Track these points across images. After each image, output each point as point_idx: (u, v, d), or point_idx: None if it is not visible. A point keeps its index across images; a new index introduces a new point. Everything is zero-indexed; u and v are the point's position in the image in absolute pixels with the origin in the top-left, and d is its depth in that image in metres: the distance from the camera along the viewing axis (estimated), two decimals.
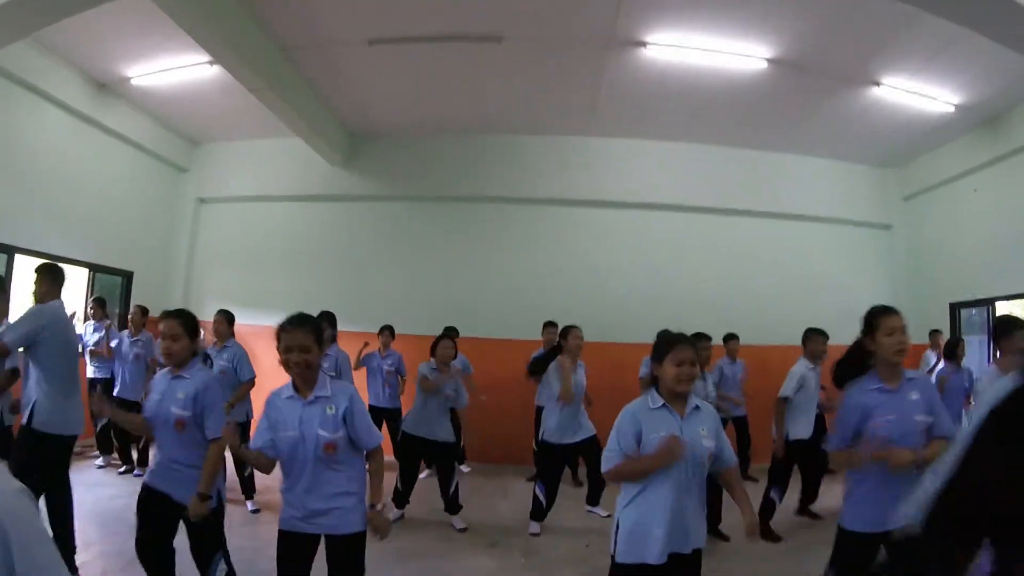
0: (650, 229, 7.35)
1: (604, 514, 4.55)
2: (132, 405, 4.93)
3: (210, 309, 7.18)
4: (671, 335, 2.09)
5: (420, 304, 7.08)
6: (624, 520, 2.06)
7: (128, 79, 6.17)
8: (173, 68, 5.89)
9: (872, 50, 5.16)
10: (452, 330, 5.94)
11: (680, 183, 7.30)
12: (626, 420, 2.07)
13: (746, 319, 6.70)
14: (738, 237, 7.42)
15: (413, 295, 7.20)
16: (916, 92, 5.82)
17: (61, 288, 3.25)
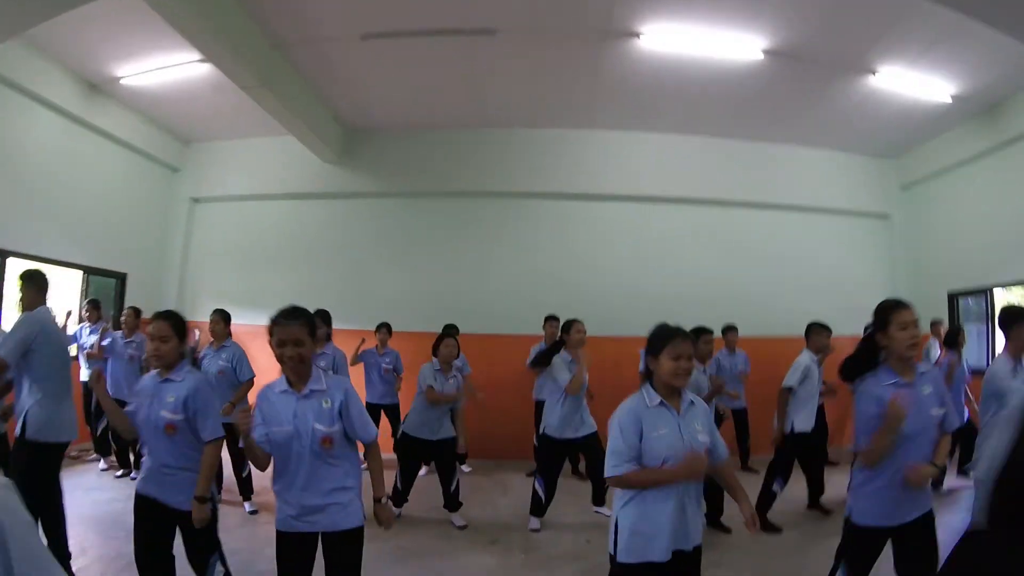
0: (648, 222, 7.31)
1: (610, 513, 4.51)
2: (124, 406, 4.88)
3: (205, 309, 7.12)
4: (668, 328, 2.05)
5: (417, 301, 7.04)
6: (624, 519, 2.02)
7: (118, 79, 6.11)
8: (164, 67, 5.82)
9: (869, 39, 5.13)
10: (452, 328, 5.89)
11: (677, 176, 7.26)
12: (628, 420, 2.00)
13: (744, 311, 6.69)
14: (736, 229, 7.39)
15: (410, 292, 7.15)
16: (913, 81, 5.79)
17: (46, 294, 3.22)
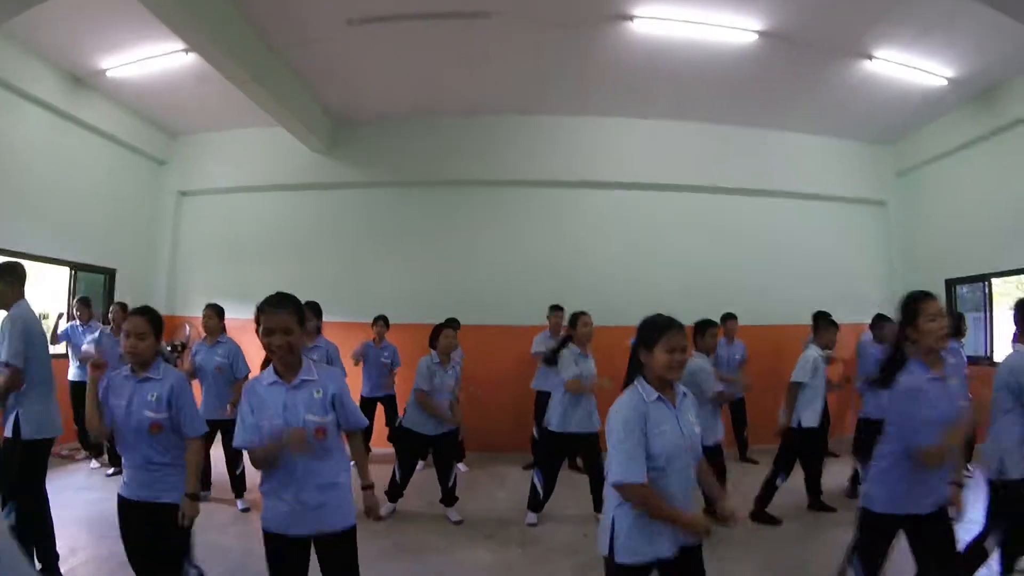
0: (642, 209, 7.24)
1: None
2: None
3: (195, 304, 7.11)
4: (661, 319, 1.97)
5: (411, 292, 6.95)
6: (622, 517, 1.89)
7: (103, 71, 5.98)
8: (148, 58, 5.69)
9: (865, 22, 5.05)
10: (454, 321, 5.80)
11: (671, 162, 7.19)
12: (633, 415, 1.87)
13: (739, 299, 6.63)
14: (730, 216, 7.33)
15: (403, 283, 7.06)
16: (909, 65, 5.71)
17: (24, 286, 3.12)
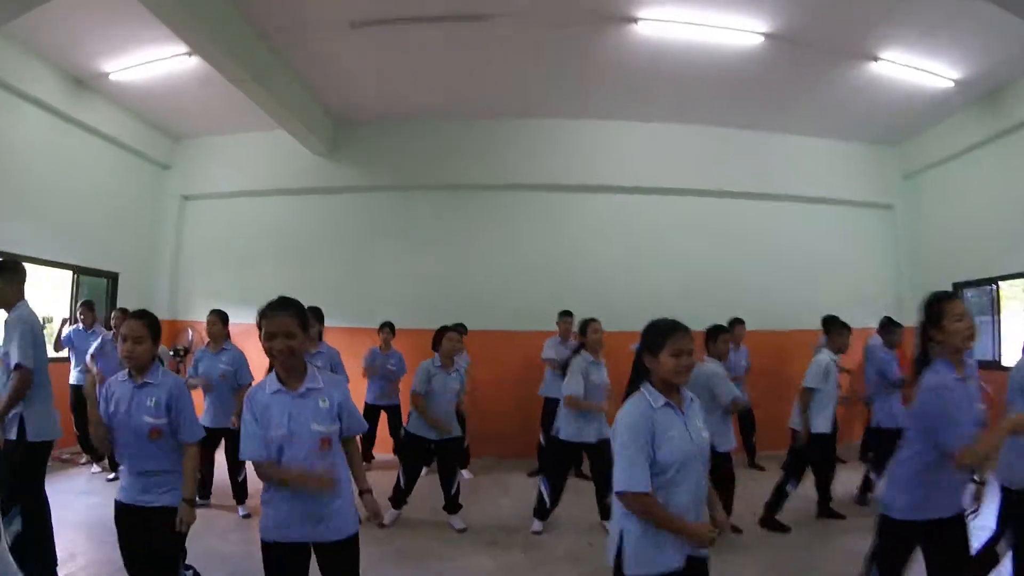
0: (644, 214, 7.19)
1: None
2: None
3: (198, 308, 7.12)
4: (666, 323, 1.92)
5: (415, 297, 6.91)
6: (631, 528, 1.81)
7: (106, 74, 5.98)
8: (151, 61, 5.70)
9: (870, 23, 5.00)
10: (460, 326, 5.76)
11: (673, 166, 7.15)
12: (639, 425, 1.81)
13: (744, 304, 6.56)
14: (734, 220, 7.28)
15: (407, 288, 7.02)
16: (915, 67, 5.67)
17: (24, 285, 3.07)
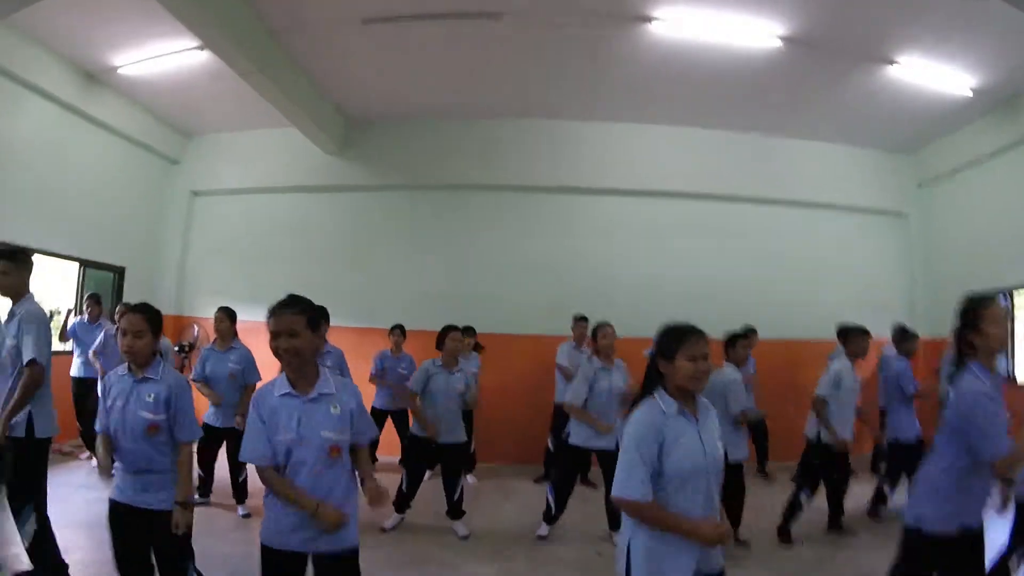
0: (655, 217, 7.11)
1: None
2: None
3: (205, 305, 7.09)
4: (682, 327, 1.85)
5: (423, 298, 6.83)
6: (638, 541, 1.75)
7: (116, 68, 5.96)
8: (162, 55, 5.67)
9: (889, 26, 4.92)
10: (468, 330, 5.67)
11: (685, 170, 7.06)
12: (646, 432, 1.75)
13: (755, 311, 6.42)
14: (747, 226, 7.19)
15: (415, 288, 6.96)
16: (932, 72, 5.58)
17: (31, 274, 2.99)
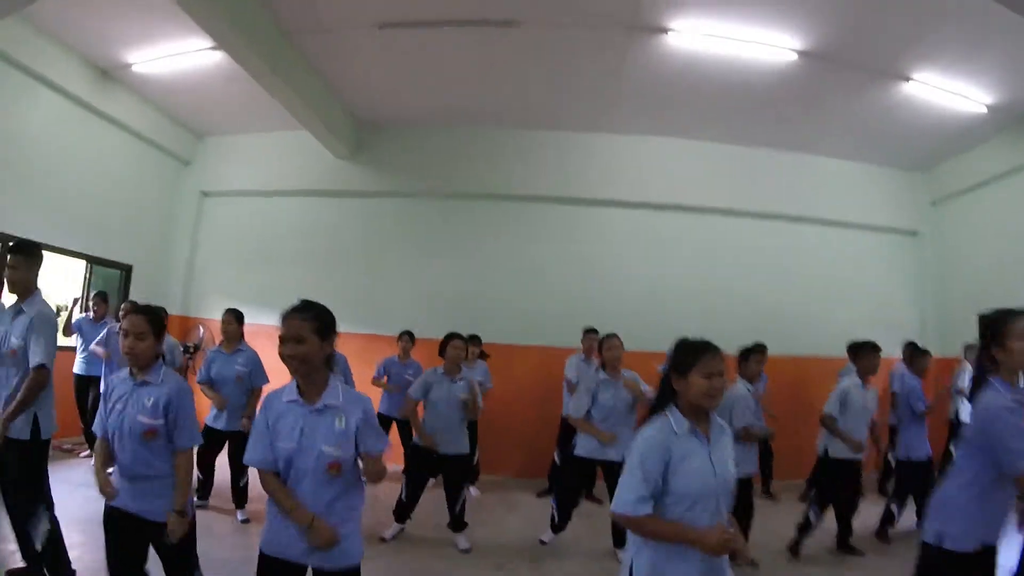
0: (664, 231, 7.07)
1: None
2: None
3: (211, 306, 7.08)
4: (697, 343, 1.80)
5: (431, 305, 6.79)
6: (641, 561, 1.71)
7: (129, 65, 5.99)
8: (176, 54, 5.70)
9: (906, 42, 4.90)
10: (474, 338, 5.62)
11: (697, 183, 7.02)
12: (652, 450, 1.70)
13: (764, 327, 6.31)
14: (757, 241, 7.12)
15: (424, 296, 6.92)
16: (948, 90, 5.54)
17: (39, 269, 2.92)
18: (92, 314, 5.68)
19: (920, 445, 4.51)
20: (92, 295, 5.86)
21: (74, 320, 5.71)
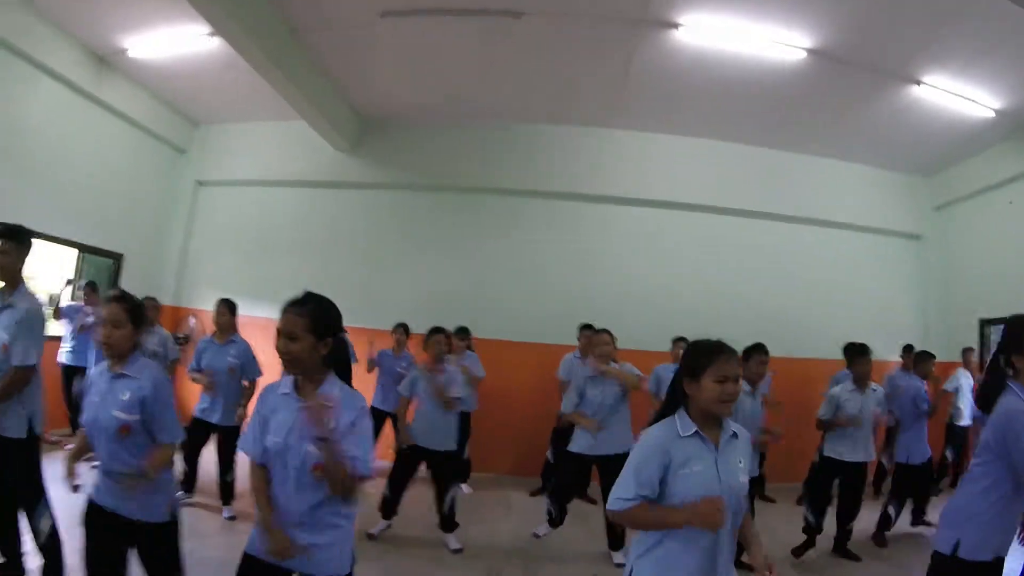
0: (666, 229, 6.99)
1: (625, 562, 3.99)
2: None
3: (203, 297, 6.97)
4: (711, 344, 1.70)
5: (430, 300, 6.66)
6: (642, 570, 1.68)
7: (125, 51, 5.87)
8: (172, 40, 5.57)
9: (918, 44, 4.83)
10: (463, 330, 5.60)
11: (700, 182, 6.94)
12: (650, 451, 1.65)
13: (765, 328, 6.24)
14: (763, 242, 7.05)
15: (421, 291, 6.81)
16: (957, 94, 5.47)
17: (28, 256, 2.79)
18: (82, 303, 5.58)
19: (919, 448, 4.50)
20: (83, 285, 5.75)
21: (64, 305, 5.60)
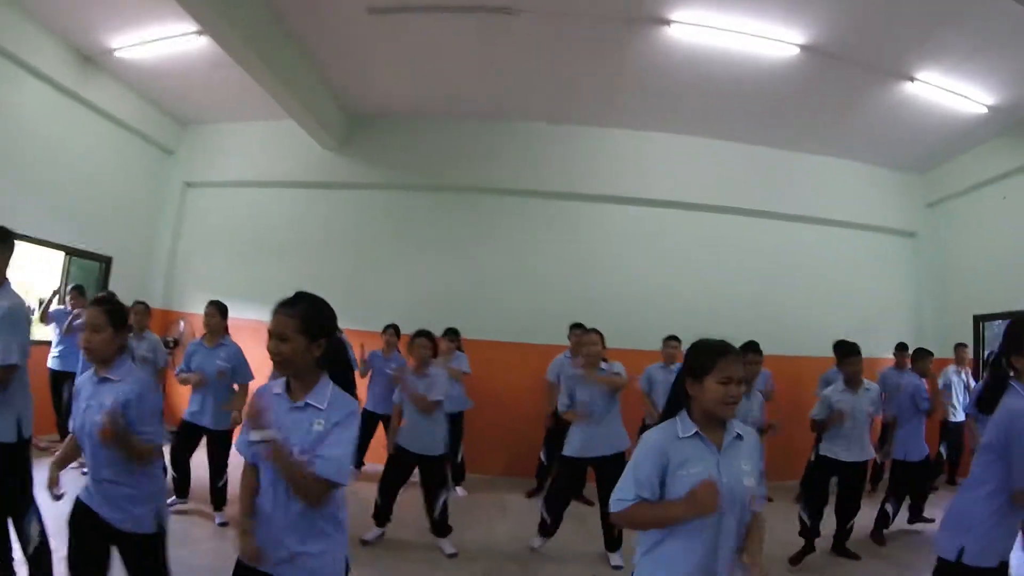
0: (662, 228, 6.96)
1: (620, 564, 3.83)
2: None
3: (193, 300, 6.88)
4: (715, 344, 1.66)
5: (423, 301, 6.61)
6: (642, 570, 1.66)
7: (112, 51, 5.78)
8: (159, 39, 5.49)
9: (911, 41, 4.83)
10: (452, 331, 5.57)
11: (695, 181, 6.92)
12: (649, 452, 1.63)
13: (758, 326, 6.24)
14: (757, 240, 7.04)
15: (413, 292, 6.75)
16: (950, 90, 5.47)
17: (10, 257, 2.69)
18: (69, 307, 5.49)
19: (917, 445, 4.49)
20: (69, 289, 5.67)
21: (51, 311, 5.52)
